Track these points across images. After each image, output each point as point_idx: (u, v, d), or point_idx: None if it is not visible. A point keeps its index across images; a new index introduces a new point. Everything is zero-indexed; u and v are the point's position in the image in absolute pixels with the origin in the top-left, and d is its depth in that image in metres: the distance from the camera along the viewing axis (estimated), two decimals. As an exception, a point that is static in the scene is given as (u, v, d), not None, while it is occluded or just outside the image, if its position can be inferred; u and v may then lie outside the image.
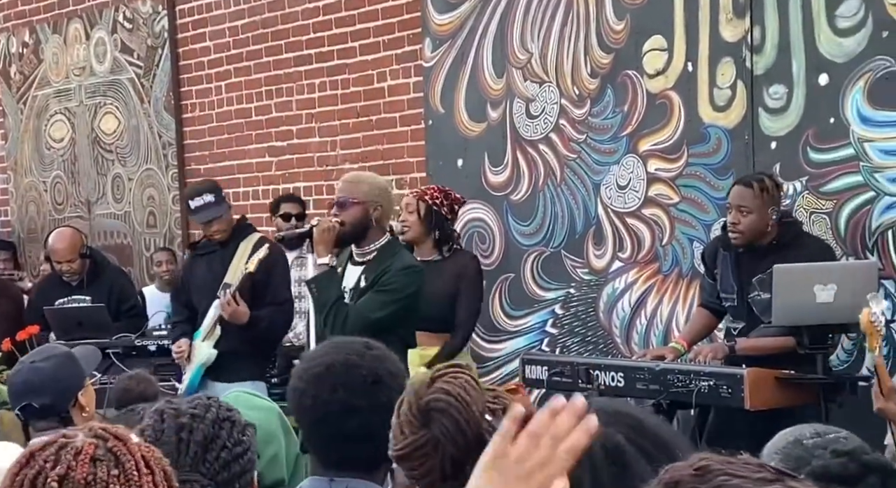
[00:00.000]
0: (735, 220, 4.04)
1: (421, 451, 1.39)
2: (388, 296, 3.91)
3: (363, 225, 3.97)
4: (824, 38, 4.38)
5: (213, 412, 1.77)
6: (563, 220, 5.29)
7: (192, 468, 1.72)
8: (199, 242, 4.98)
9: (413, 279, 3.96)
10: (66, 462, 1.22)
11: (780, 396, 3.78)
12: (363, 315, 3.86)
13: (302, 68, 6.35)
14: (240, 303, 4.54)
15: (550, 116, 5.32)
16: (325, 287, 3.97)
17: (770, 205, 4.04)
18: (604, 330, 5.15)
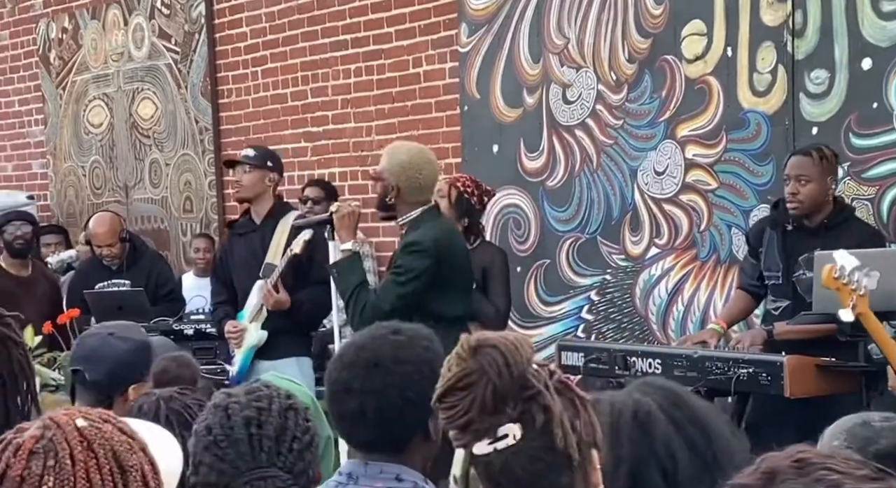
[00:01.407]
0: (794, 190, 3.99)
1: (465, 381, 1.39)
2: (396, 287, 3.86)
3: (384, 200, 3.96)
4: (868, 21, 4.32)
5: (277, 403, 1.76)
6: (599, 206, 5.26)
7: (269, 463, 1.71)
8: (237, 221, 5.00)
9: (416, 258, 3.85)
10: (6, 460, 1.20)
11: (821, 384, 3.74)
12: (377, 307, 3.83)
13: (338, 54, 6.35)
14: (280, 291, 4.56)
15: (587, 102, 5.29)
16: (346, 272, 3.95)
17: (829, 173, 4.01)
18: (640, 316, 5.12)
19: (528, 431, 1.38)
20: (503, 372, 1.39)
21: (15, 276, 6.12)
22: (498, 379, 1.39)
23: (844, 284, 3.24)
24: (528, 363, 1.42)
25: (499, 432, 1.38)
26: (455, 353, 1.45)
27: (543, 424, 1.38)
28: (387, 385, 1.85)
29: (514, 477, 1.38)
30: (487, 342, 1.43)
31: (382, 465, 1.87)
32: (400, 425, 1.87)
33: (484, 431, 1.38)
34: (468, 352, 1.42)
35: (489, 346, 1.42)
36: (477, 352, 1.42)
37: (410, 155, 4.05)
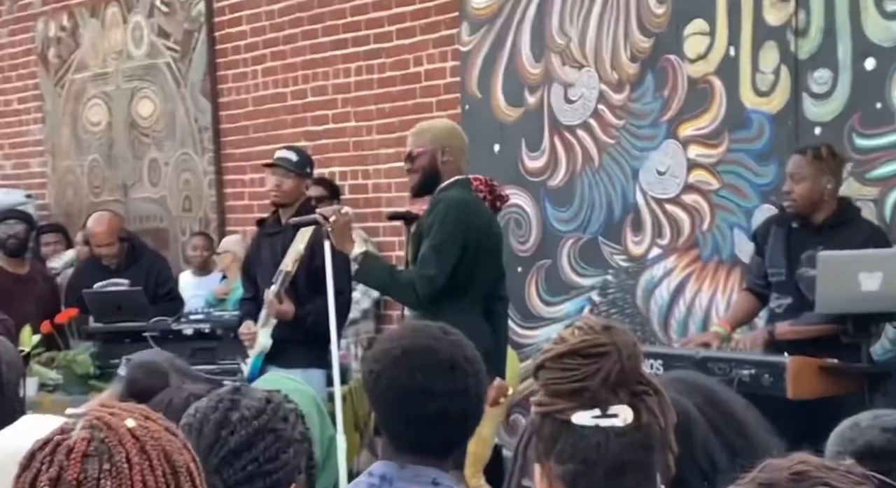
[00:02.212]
0: (789, 189, 4.05)
1: (597, 350, 1.36)
2: (430, 242, 3.80)
3: (433, 170, 3.93)
4: (871, 21, 4.30)
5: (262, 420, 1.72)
6: (600, 207, 5.24)
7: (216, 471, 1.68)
8: (266, 220, 4.96)
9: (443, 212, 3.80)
10: (59, 463, 1.18)
11: (823, 385, 3.72)
12: (421, 274, 3.77)
13: (338, 52, 6.33)
14: (283, 301, 4.53)
15: (589, 101, 5.27)
16: (370, 272, 3.95)
17: (824, 174, 4.00)
18: (642, 317, 5.10)
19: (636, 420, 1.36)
20: (633, 356, 1.37)
21: (12, 274, 6.09)
22: (627, 361, 1.36)
23: None
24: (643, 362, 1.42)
25: (611, 409, 1.35)
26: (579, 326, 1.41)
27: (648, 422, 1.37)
28: (467, 386, 1.87)
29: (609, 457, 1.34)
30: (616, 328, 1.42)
31: (419, 469, 1.87)
32: (472, 425, 1.89)
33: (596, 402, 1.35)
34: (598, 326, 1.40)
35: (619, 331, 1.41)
36: (610, 329, 1.40)
37: (447, 124, 4.18)
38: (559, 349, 1.38)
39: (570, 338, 1.38)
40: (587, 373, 1.35)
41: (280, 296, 4.51)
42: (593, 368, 1.35)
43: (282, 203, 4.72)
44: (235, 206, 7.08)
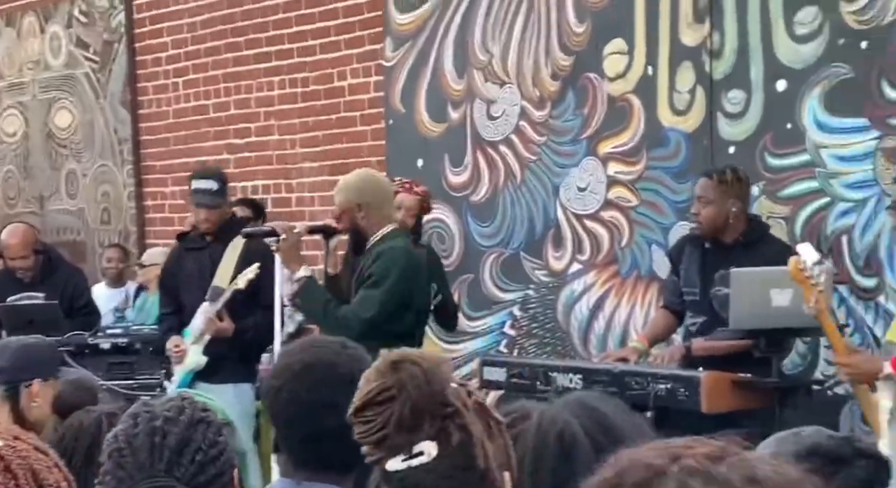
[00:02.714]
0: (696, 211, 4.15)
1: (383, 396, 1.39)
2: (375, 293, 3.90)
3: (357, 228, 4.01)
4: (782, 44, 4.42)
5: (187, 414, 1.75)
6: (522, 222, 5.30)
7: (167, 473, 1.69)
8: (188, 234, 4.91)
9: (389, 261, 3.92)
10: None
11: (736, 399, 3.81)
12: (358, 316, 3.88)
13: (261, 66, 6.31)
14: (224, 319, 4.52)
15: (511, 118, 5.33)
16: (309, 297, 3.99)
17: (729, 197, 4.10)
18: (562, 332, 5.17)
19: (443, 449, 1.38)
20: (423, 388, 1.39)
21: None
22: (417, 395, 1.38)
23: (807, 277, 3.33)
24: (448, 381, 1.42)
25: (414, 449, 1.37)
26: (374, 367, 1.44)
27: (460, 443, 1.38)
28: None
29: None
30: (408, 358, 1.42)
31: (317, 486, 1.86)
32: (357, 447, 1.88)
33: (399, 447, 1.38)
34: (388, 366, 1.42)
35: (409, 362, 1.41)
36: (397, 366, 1.41)
37: (359, 176, 4.20)
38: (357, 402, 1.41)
39: (365, 386, 1.41)
40: (382, 422, 1.38)
41: (221, 315, 4.51)
42: (385, 415, 1.37)
43: (212, 231, 4.70)
44: (155, 219, 7.00)
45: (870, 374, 3.43)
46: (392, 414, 1.38)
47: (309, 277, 4.00)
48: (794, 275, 3.37)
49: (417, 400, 1.38)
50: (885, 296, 4.15)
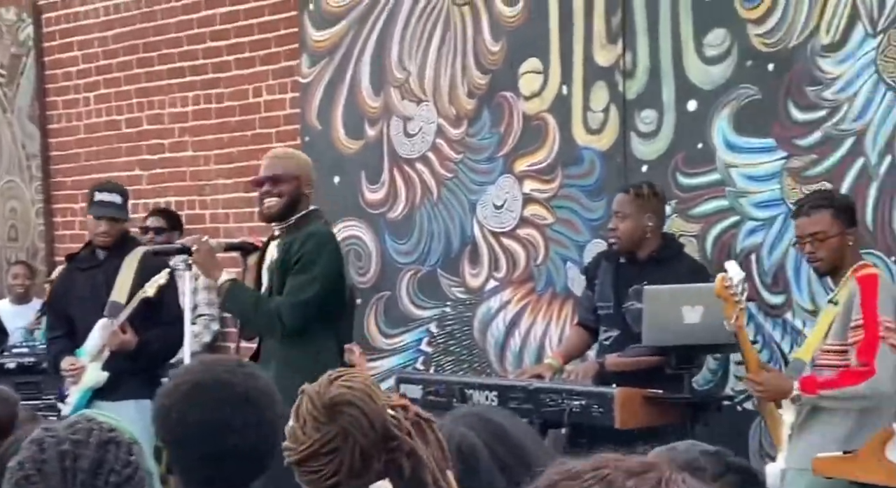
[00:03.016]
0: (613, 226, 4.22)
1: (329, 447, 1.37)
2: (304, 274, 3.85)
3: (297, 199, 3.95)
4: (692, 65, 4.51)
5: (95, 435, 1.70)
6: (439, 239, 5.31)
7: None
8: (79, 254, 4.81)
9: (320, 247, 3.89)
10: None
11: (649, 416, 3.86)
12: (293, 301, 3.80)
13: (174, 81, 6.23)
14: (127, 331, 4.43)
15: (428, 135, 5.34)
16: (236, 298, 3.93)
17: (645, 211, 4.17)
18: (478, 348, 5.18)
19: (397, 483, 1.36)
20: (368, 432, 1.37)
21: None
22: (364, 441, 1.36)
23: (731, 294, 3.39)
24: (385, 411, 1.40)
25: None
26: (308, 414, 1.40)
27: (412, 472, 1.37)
28: (262, 419, 1.83)
29: None
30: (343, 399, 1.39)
31: None
32: (267, 459, 1.85)
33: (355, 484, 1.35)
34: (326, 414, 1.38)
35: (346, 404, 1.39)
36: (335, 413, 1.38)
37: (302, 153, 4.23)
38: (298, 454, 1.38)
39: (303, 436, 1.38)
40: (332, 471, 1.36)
41: (124, 327, 4.41)
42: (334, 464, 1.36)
43: (109, 246, 4.61)
44: (65, 236, 6.86)
45: (779, 394, 3.50)
46: (342, 463, 1.36)
47: (232, 280, 3.94)
48: (719, 291, 3.43)
49: (364, 444, 1.36)
50: (792, 312, 4.25)
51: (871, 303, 3.42)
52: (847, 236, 3.57)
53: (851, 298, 3.47)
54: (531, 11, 4.96)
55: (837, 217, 3.57)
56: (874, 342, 3.39)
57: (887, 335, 3.41)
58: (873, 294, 3.43)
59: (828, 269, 3.59)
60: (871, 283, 3.47)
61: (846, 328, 3.47)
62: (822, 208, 3.60)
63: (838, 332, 3.49)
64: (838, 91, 4.15)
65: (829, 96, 4.17)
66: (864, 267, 3.58)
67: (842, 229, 3.56)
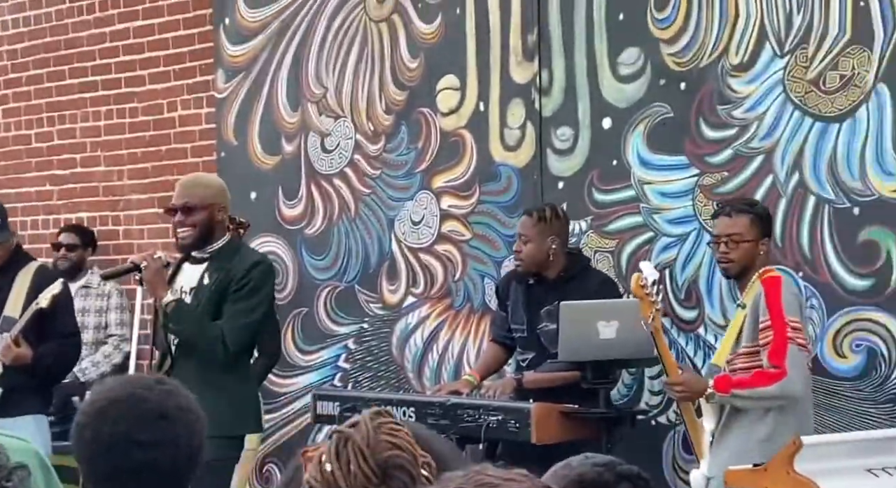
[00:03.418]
0: (518, 249, 4.25)
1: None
2: (249, 300, 3.88)
3: (211, 227, 3.92)
4: (607, 83, 4.58)
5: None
6: (357, 255, 5.29)
7: None
8: None
9: (264, 274, 3.96)
10: None
11: (565, 430, 3.89)
12: (240, 325, 3.84)
13: (87, 95, 6.13)
14: (21, 344, 4.32)
15: (345, 151, 5.33)
16: (181, 319, 3.89)
17: (548, 234, 4.21)
18: (396, 365, 5.17)
19: None
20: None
21: None
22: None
23: (647, 294, 3.43)
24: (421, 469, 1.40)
25: None
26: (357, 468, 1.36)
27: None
28: (177, 434, 1.81)
29: None
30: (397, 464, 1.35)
31: None
32: (184, 477, 1.83)
33: None
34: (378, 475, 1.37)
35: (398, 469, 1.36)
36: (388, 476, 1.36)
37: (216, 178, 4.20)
38: None
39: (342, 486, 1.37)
40: None
41: (17, 340, 4.31)
42: None
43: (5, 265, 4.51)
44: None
45: (698, 393, 3.57)
46: None
47: (178, 300, 3.90)
48: (635, 290, 3.48)
49: None
50: (705, 327, 4.32)
51: (777, 303, 3.50)
52: (761, 245, 3.66)
53: (757, 300, 3.55)
54: (448, 28, 4.99)
55: (755, 223, 3.66)
56: (783, 343, 3.48)
57: (794, 335, 3.49)
58: (777, 294, 3.52)
59: (736, 272, 3.67)
60: (774, 284, 3.56)
61: (755, 330, 3.55)
62: (744, 213, 3.69)
63: (749, 335, 3.58)
64: (747, 110, 4.25)
65: (738, 115, 4.27)
66: (768, 271, 3.67)
67: (757, 236, 3.65)
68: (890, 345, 3.93)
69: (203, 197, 3.91)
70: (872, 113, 3.97)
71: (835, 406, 3.99)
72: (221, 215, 3.95)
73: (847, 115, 4.03)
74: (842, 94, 4.04)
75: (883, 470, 3.14)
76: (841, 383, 4.01)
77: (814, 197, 4.09)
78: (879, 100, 3.96)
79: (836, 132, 4.05)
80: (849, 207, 4.02)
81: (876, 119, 3.96)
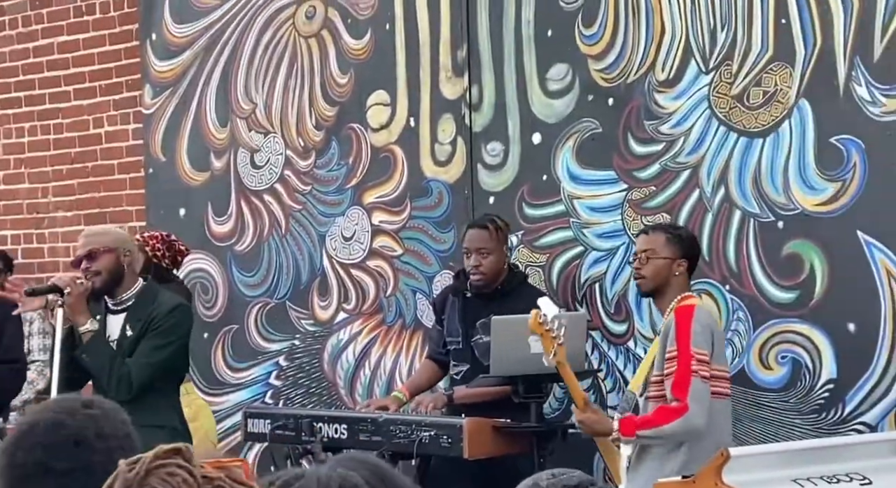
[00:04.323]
0: (477, 263, 4.17)
1: None
2: (162, 338, 3.88)
3: (118, 272, 3.90)
4: (536, 99, 4.61)
5: None
6: (288, 271, 5.25)
7: None
8: None
9: (184, 317, 3.99)
10: None
11: (498, 445, 3.89)
12: (145, 362, 3.84)
13: (10, 111, 6.02)
14: None
15: (276, 167, 5.29)
16: (97, 352, 3.84)
17: (504, 243, 4.26)
18: (328, 381, 5.14)
19: None
20: None
21: None
22: None
23: (547, 330, 3.42)
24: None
25: None
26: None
27: None
28: (92, 462, 1.76)
29: None
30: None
31: None
32: None
33: None
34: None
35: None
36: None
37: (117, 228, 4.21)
38: None
39: None
40: None
41: None
42: None
43: None
44: None
45: (602, 433, 3.55)
46: None
47: (96, 331, 3.83)
48: (533, 328, 3.46)
49: None
50: (634, 340, 4.36)
51: (685, 334, 3.48)
52: (676, 264, 3.66)
53: (668, 329, 3.56)
54: (378, 44, 4.99)
55: (671, 242, 3.67)
56: (686, 376, 3.45)
57: (698, 368, 3.47)
58: (687, 325, 3.49)
59: (649, 289, 3.68)
60: (686, 315, 3.53)
61: (664, 359, 3.56)
62: (661, 231, 3.73)
63: (659, 364, 3.56)
64: (674, 125, 4.31)
65: (665, 130, 4.32)
66: (687, 298, 3.66)
67: (673, 255, 3.65)
68: (814, 357, 4.00)
69: (105, 242, 3.92)
70: (795, 128, 4.05)
71: (761, 417, 4.05)
72: (128, 260, 3.94)
73: (770, 131, 4.10)
74: (765, 110, 4.11)
75: (808, 479, 3.18)
76: (766, 394, 4.07)
77: (739, 211, 4.16)
78: (801, 115, 4.04)
79: (759, 147, 4.12)
80: (773, 221, 4.09)
81: (798, 134, 4.04)
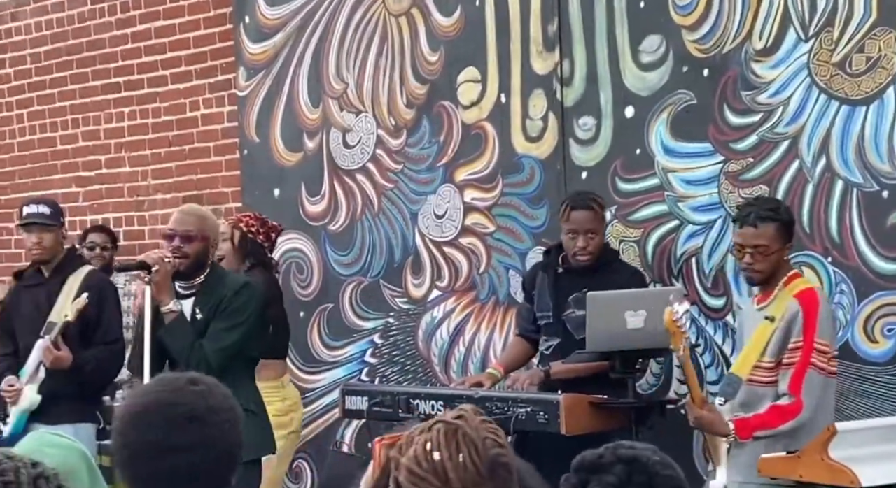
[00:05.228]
0: (585, 244, 4.15)
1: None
2: (232, 320, 3.92)
3: (203, 261, 3.96)
4: (629, 71, 4.55)
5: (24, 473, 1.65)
6: (381, 250, 5.29)
7: None
8: (25, 271, 4.72)
9: (251, 295, 4.00)
10: None
11: (595, 421, 3.87)
12: (218, 346, 3.88)
13: (110, 97, 6.16)
14: (61, 347, 4.34)
15: (367, 146, 5.33)
16: (180, 335, 3.90)
17: (605, 221, 4.26)
18: (423, 358, 5.17)
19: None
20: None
21: None
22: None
23: (679, 327, 3.38)
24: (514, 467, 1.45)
25: None
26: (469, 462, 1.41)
27: None
28: (210, 437, 1.81)
29: None
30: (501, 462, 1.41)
31: None
32: (225, 477, 1.83)
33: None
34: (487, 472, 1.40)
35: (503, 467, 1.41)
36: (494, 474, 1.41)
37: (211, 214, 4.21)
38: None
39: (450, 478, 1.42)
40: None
41: (57, 344, 4.33)
42: None
43: (45, 259, 4.53)
44: (0, 255, 6.74)
45: (716, 434, 3.50)
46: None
47: (179, 311, 3.91)
48: (668, 326, 3.40)
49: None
50: (732, 315, 4.29)
51: (812, 325, 3.43)
52: (785, 250, 3.60)
53: (793, 316, 3.47)
54: (468, 21, 4.98)
55: (781, 232, 3.57)
56: (804, 370, 3.42)
57: (816, 359, 3.42)
58: (814, 315, 3.44)
59: (762, 281, 3.61)
60: (812, 302, 3.48)
61: (783, 348, 3.48)
62: (770, 221, 3.56)
63: (774, 350, 3.49)
64: (772, 95, 4.21)
65: (763, 100, 4.23)
66: (795, 277, 3.59)
67: (783, 244, 3.58)
68: (921, 329, 3.88)
69: (203, 229, 3.95)
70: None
71: (867, 391, 3.95)
72: (213, 250, 4.02)
73: (874, 98, 3.98)
74: (868, 77, 3.99)
75: (917, 454, 3.10)
76: (872, 368, 3.97)
77: (841, 181, 4.05)
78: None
79: (863, 115, 4.01)
80: (877, 190, 3.98)
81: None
